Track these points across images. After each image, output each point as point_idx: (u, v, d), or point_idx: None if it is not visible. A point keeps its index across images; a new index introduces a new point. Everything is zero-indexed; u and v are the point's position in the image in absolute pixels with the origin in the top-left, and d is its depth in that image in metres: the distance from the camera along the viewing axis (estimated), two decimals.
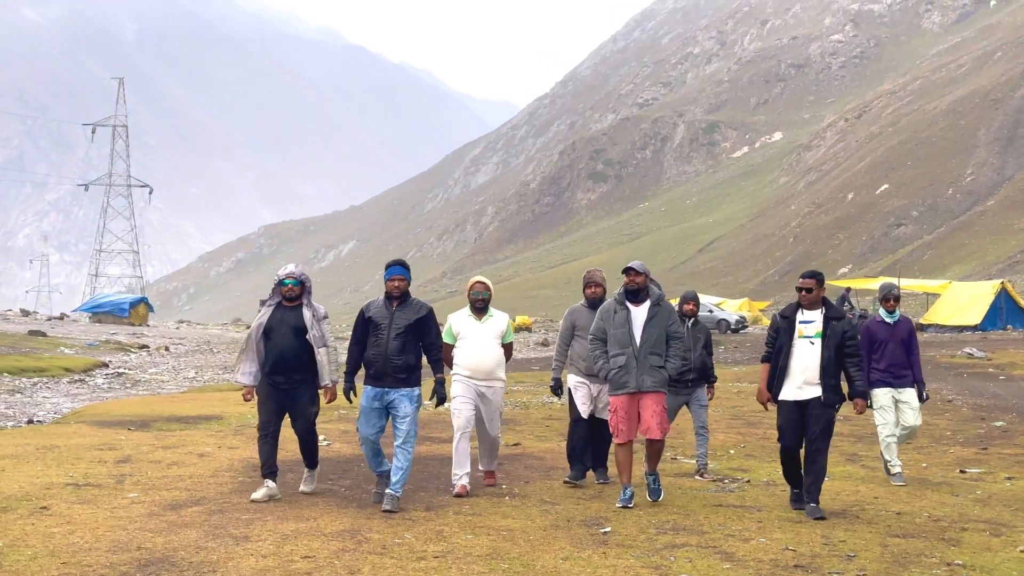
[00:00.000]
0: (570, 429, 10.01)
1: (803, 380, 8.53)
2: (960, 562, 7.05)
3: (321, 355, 8.88)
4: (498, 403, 9.56)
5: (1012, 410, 15.75)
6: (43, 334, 40.32)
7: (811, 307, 8.68)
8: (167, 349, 37.65)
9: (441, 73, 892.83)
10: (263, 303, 9.22)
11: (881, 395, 10.02)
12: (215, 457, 11.21)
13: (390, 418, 8.88)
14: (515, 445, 12.49)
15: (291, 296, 8.99)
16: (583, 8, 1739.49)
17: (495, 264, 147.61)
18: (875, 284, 47.43)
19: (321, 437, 12.75)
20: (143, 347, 37.50)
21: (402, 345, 8.76)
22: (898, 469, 9.98)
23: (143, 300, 64.65)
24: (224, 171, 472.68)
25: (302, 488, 9.23)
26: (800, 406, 8.53)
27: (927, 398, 10.39)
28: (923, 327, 41.11)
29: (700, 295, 55.51)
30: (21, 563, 6.67)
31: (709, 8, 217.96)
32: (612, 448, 9.47)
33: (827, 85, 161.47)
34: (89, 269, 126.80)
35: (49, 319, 60.24)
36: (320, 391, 9.01)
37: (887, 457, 10.02)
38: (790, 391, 8.60)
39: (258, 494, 8.78)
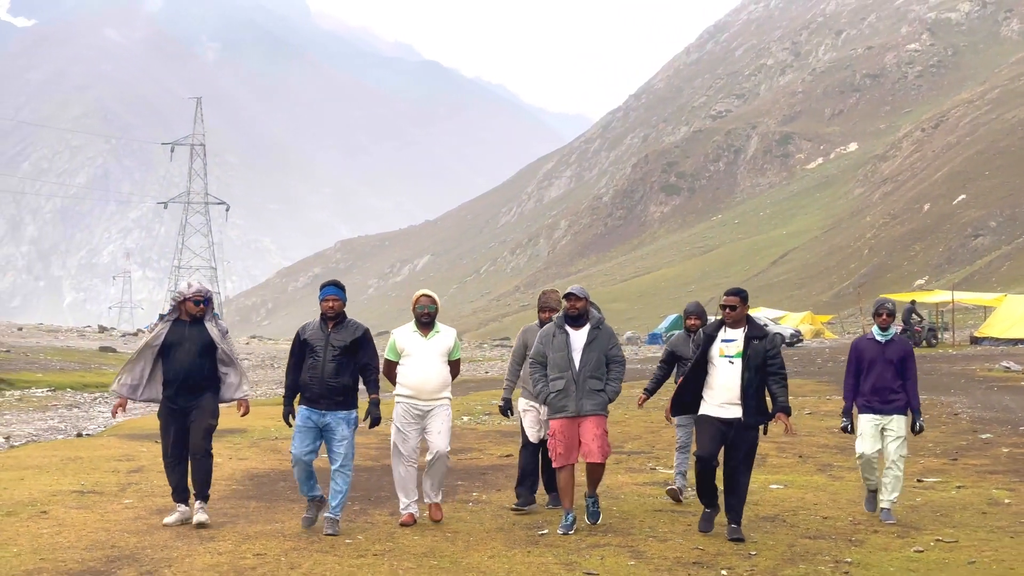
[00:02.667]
0: (520, 454, 9.75)
1: (724, 399, 8.38)
2: (850, 560, 7.59)
3: (230, 372, 8.85)
4: (444, 422, 8.91)
5: (1010, 423, 15.88)
6: (113, 350, 41.66)
7: (734, 325, 8.51)
8: None
9: (515, 87, 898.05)
10: (161, 317, 9.03)
11: (863, 422, 9.18)
12: (222, 468, 11.85)
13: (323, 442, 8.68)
14: (507, 456, 12.97)
15: (198, 316, 8.84)
16: (657, 21, 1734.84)
17: (567, 278, 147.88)
18: (933, 298, 47.09)
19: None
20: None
21: (338, 367, 8.57)
22: (886, 505, 8.98)
23: (215, 316, 66.06)
24: (302, 187, 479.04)
25: (196, 519, 8.65)
26: (723, 423, 8.37)
27: (921, 429, 9.31)
28: (978, 340, 40.80)
29: (766, 308, 55.48)
30: (4, 559, 7.44)
31: (783, 19, 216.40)
32: None
33: (903, 95, 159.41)
34: (168, 286, 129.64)
35: (123, 335, 61.95)
36: (235, 403, 8.95)
37: (864, 476, 9.31)
38: (711, 408, 8.47)
39: (171, 518, 8.71)
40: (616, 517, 9.18)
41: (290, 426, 8.89)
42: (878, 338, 9.18)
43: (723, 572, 7.22)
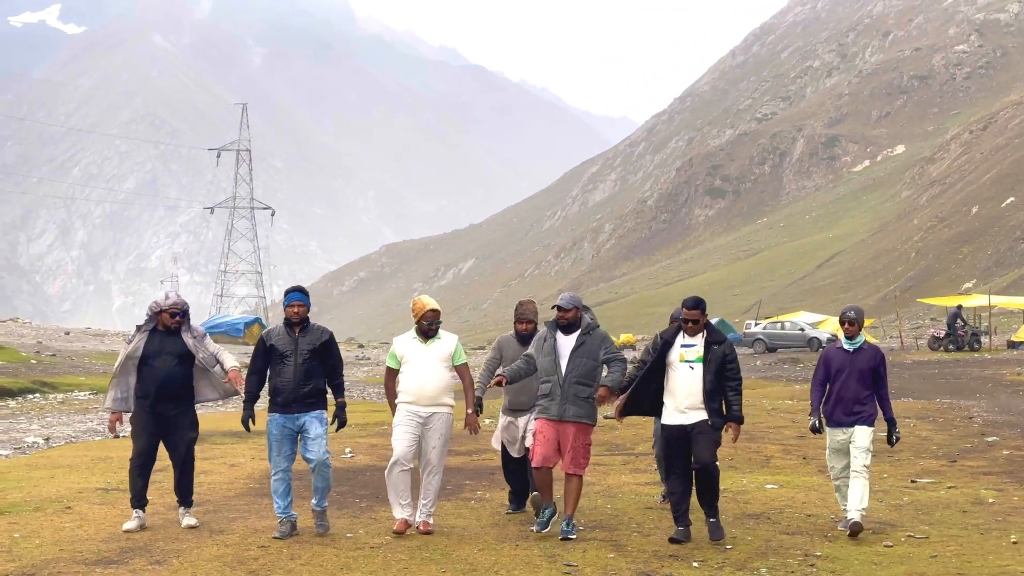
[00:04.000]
0: (503, 462, 9.86)
1: (687, 405, 8.46)
2: (819, 554, 7.99)
3: (214, 369, 8.94)
4: (443, 431, 8.83)
5: (1020, 426, 16.01)
6: None
7: (693, 332, 8.64)
8: None
9: (560, 91, 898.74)
10: (138, 328, 9.08)
11: (831, 436, 9.02)
12: (242, 467, 12.34)
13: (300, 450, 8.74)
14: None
15: (174, 327, 8.92)
16: (702, 24, 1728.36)
17: (611, 281, 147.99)
18: (971, 302, 46.90)
19: (348, 450, 13.83)
20: (246, 366, 39.16)
21: (308, 371, 8.64)
22: (855, 517, 8.66)
23: (257, 320, 67.05)
24: (347, 191, 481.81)
25: (185, 522, 8.85)
26: (684, 431, 8.44)
27: (898, 439, 9.20)
28: (1015, 344, 40.60)
29: (807, 312, 55.25)
30: (28, 550, 8.03)
31: (830, 21, 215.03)
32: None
33: (951, 97, 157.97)
34: (215, 290, 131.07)
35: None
36: (226, 377, 8.99)
37: (840, 502, 9.08)
38: (673, 415, 8.53)
39: (130, 524, 8.75)
40: (607, 514, 9.57)
41: (248, 431, 9.00)
42: (846, 347, 8.98)
43: (695, 564, 7.60)
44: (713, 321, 49.39)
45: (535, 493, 9.26)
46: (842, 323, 9.03)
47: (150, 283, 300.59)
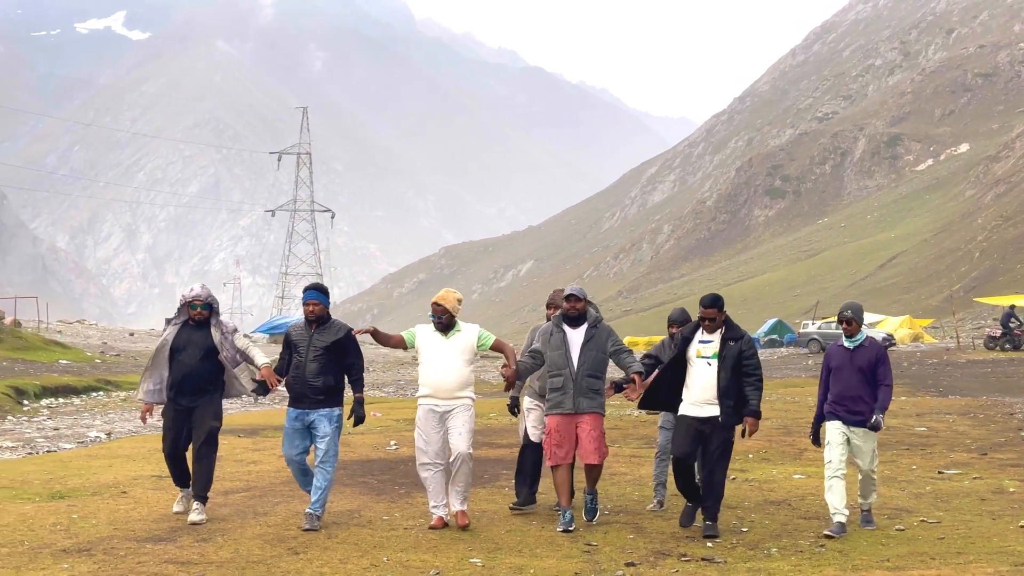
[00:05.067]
0: (520, 453, 9.76)
1: (702, 399, 8.61)
2: (830, 532, 8.36)
3: (240, 370, 9.09)
4: (465, 422, 8.77)
5: None
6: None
7: (712, 330, 8.75)
8: None
9: (619, 91, 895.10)
10: (168, 321, 9.28)
11: (830, 429, 8.85)
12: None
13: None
14: None
15: (200, 320, 9.07)
16: (762, 23, 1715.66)
17: (670, 282, 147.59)
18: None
19: (392, 442, 14.27)
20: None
21: (320, 367, 8.77)
22: (841, 518, 8.52)
23: None
24: (407, 194, 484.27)
25: (192, 518, 8.90)
26: (699, 422, 8.60)
27: (877, 425, 8.79)
28: None
29: (866, 312, 55.38)
30: (84, 529, 8.67)
31: (892, 19, 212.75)
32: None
33: (1017, 94, 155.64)
34: (276, 292, 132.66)
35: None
36: (256, 377, 9.11)
37: (828, 501, 8.70)
38: (689, 407, 8.70)
39: (178, 506, 9.19)
40: (633, 500, 9.95)
41: (273, 381, 8.96)
42: (846, 344, 8.90)
43: (709, 544, 7.94)
44: (770, 322, 49.35)
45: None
46: (840, 322, 8.94)
47: (213, 285, 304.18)
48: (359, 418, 8.97)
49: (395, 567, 7.39)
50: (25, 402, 23.92)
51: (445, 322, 8.86)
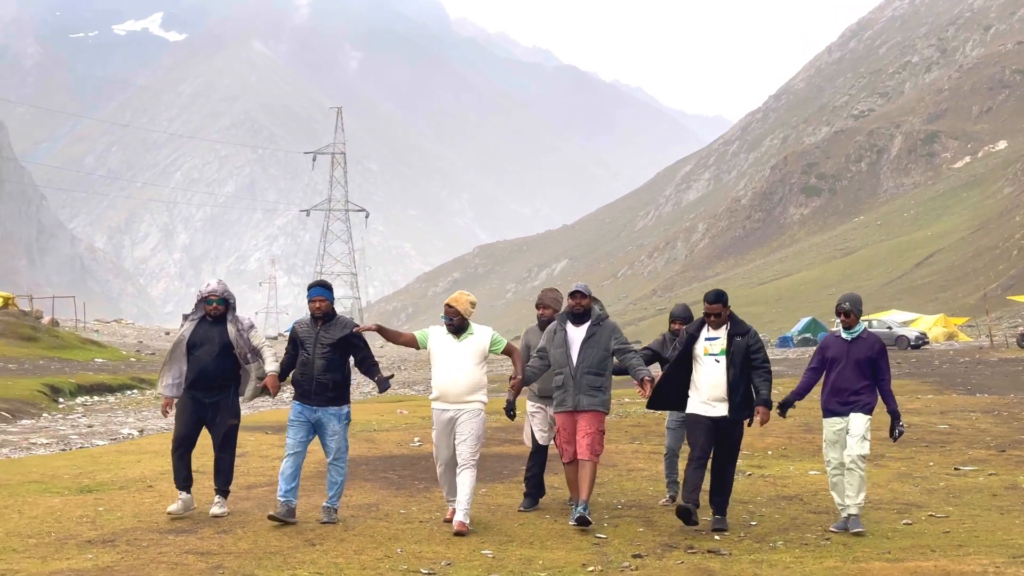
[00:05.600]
0: (529, 457, 9.78)
1: (711, 396, 8.57)
2: (837, 529, 8.44)
3: (251, 367, 9.08)
4: (473, 427, 8.71)
5: None
6: None
7: (715, 325, 8.71)
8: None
9: (654, 90, 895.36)
10: (186, 317, 9.34)
11: (827, 427, 8.76)
12: (316, 453, 12.96)
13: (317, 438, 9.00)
14: None
15: (216, 315, 9.13)
16: (797, 21, 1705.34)
17: (704, 281, 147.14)
18: None
19: (416, 439, 14.45)
20: None
21: (327, 363, 8.81)
22: (854, 511, 8.40)
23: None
24: (441, 193, 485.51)
25: (213, 511, 9.07)
26: (712, 421, 8.56)
27: (901, 434, 8.79)
28: None
29: (899, 311, 54.91)
30: (110, 521, 8.96)
31: (929, 15, 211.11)
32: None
33: None
34: None
35: (266, 339, 64.63)
36: (259, 384, 9.13)
37: (835, 498, 8.70)
38: (699, 406, 8.64)
39: (174, 507, 9.04)
40: (647, 495, 10.12)
41: (275, 388, 9.10)
42: (844, 336, 8.76)
43: (716, 537, 8.06)
44: (804, 321, 49.26)
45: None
46: (837, 314, 8.83)
47: (249, 285, 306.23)
48: (385, 386, 8.97)
49: (408, 558, 7.57)
50: (60, 400, 24.33)
51: (457, 324, 8.78)
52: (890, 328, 47.88)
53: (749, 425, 8.82)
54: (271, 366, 9.11)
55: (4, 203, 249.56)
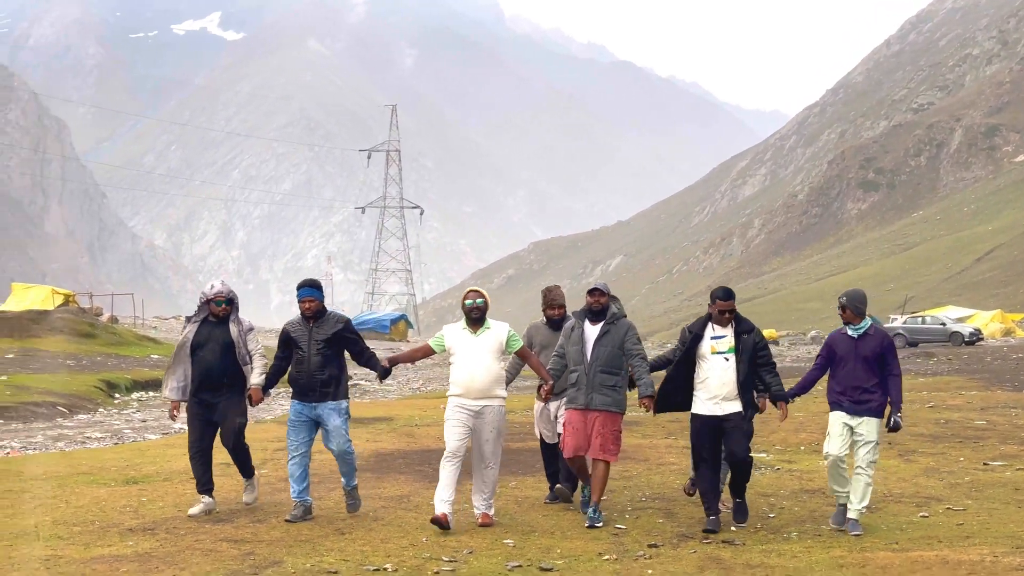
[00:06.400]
0: (543, 456, 9.99)
1: (720, 395, 8.47)
2: (833, 525, 8.57)
3: (246, 370, 9.23)
4: (495, 424, 8.77)
5: None
6: None
7: (723, 323, 8.60)
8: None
9: (710, 85, 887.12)
10: (188, 319, 9.41)
11: (832, 420, 8.57)
12: (356, 448, 13.29)
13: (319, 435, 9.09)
14: None
15: (222, 315, 9.27)
16: (855, 14, 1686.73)
17: (760, 277, 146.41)
18: None
19: None
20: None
21: (323, 360, 8.95)
22: (854, 515, 8.31)
23: (403, 317, 69.01)
24: (496, 190, 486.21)
25: (244, 499, 9.42)
26: (717, 420, 8.48)
27: (896, 426, 8.55)
28: None
29: (956, 307, 54.40)
30: (151, 511, 9.38)
31: (990, 7, 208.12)
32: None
33: None
34: (366, 287, 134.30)
35: (260, 346, 65.34)
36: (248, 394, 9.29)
37: (833, 487, 8.62)
38: (706, 405, 8.55)
39: (195, 509, 9.16)
40: (672, 488, 10.30)
41: (258, 400, 9.24)
42: (850, 333, 8.59)
43: (732, 528, 8.23)
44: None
45: (559, 486, 9.52)
46: (838, 309, 8.71)
47: None
48: (385, 374, 9.04)
49: (431, 546, 7.89)
50: (116, 395, 24.88)
51: (482, 308, 8.79)
52: (944, 324, 47.41)
53: (783, 419, 8.74)
54: (256, 379, 9.24)
55: (66, 202, 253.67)
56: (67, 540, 8.07)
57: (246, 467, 9.42)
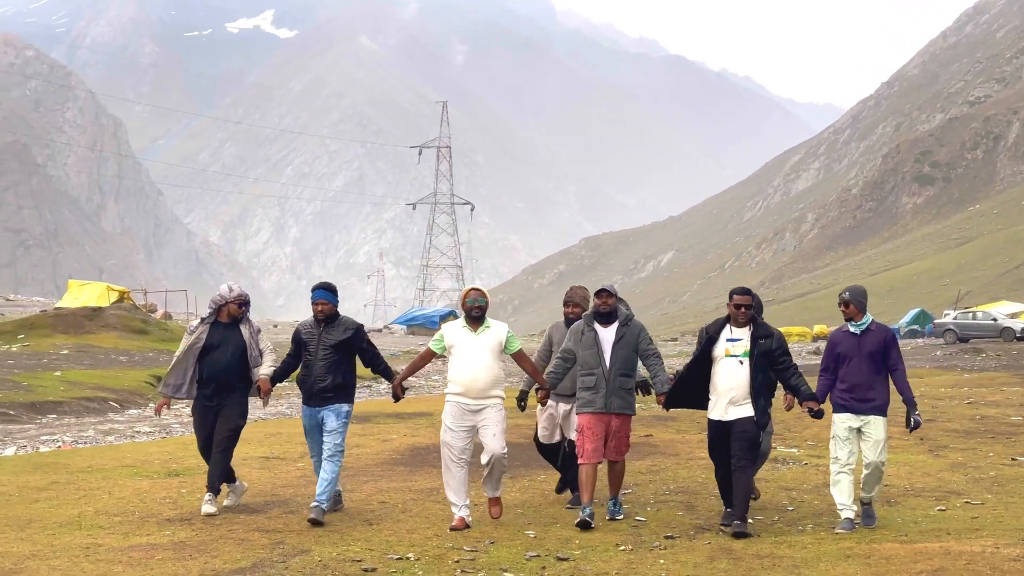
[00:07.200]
0: (543, 454, 10.02)
1: (728, 400, 8.34)
2: (840, 530, 8.51)
3: (255, 372, 9.28)
4: (497, 422, 8.70)
5: None
6: None
7: (740, 325, 8.44)
8: None
9: (762, 79, 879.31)
10: (202, 320, 9.44)
11: (837, 422, 8.44)
12: (393, 442, 13.65)
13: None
14: (647, 436, 14.13)
15: (240, 317, 9.36)
16: (910, 6, 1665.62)
17: (813, 272, 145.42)
18: None
19: None
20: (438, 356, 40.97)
21: (329, 365, 9.01)
22: (849, 514, 8.27)
23: (451, 313, 69.25)
24: (547, 185, 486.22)
25: (226, 502, 9.34)
26: (725, 427, 8.36)
27: (916, 424, 8.44)
28: None
29: (1010, 302, 53.85)
30: (190, 502, 9.74)
31: None
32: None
33: None
34: (417, 284, 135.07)
35: (369, 332, 65.95)
36: (257, 386, 9.33)
37: (835, 496, 8.41)
38: (715, 411, 8.46)
39: (228, 501, 9.37)
40: (697, 483, 10.49)
41: (266, 391, 9.29)
42: (852, 329, 8.48)
43: (749, 521, 8.39)
44: (912, 312, 48.63)
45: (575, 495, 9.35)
46: (839, 305, 8.53)
47: (358, 277, 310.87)
48: (396, 398, 9.14)
49: (456, 537, 8.17)
50: None
51: (483, 306, 8.74)
52: (995, 320, 46.93)
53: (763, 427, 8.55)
54: (266, 369, 9.34)
55: (122, 199, 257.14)
56: (107, 529, 8.41)
57: (220, 476, 9.21)
